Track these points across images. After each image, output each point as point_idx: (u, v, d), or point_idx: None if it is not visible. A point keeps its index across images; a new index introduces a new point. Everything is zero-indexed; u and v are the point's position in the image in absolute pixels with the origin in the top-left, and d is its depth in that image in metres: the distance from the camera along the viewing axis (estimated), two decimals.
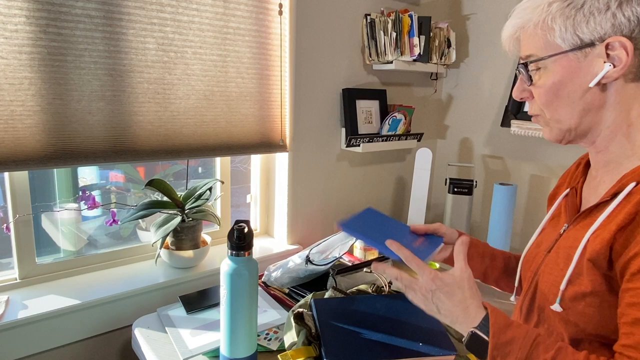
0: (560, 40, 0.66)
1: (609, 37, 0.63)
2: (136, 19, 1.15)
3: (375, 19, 1.61)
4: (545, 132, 0.75)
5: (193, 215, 1.35)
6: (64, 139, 1.10)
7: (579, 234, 0.70)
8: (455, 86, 2.00)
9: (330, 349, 0.88)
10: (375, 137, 1.67)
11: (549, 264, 0.75)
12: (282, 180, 1.58)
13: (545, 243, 0.81)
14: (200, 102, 1.30)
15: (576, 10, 0.64)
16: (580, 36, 0.64)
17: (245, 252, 0.84)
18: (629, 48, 0.62)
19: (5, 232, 1.17)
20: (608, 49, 0.63)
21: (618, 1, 0.62)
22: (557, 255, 0.74)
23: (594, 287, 0.65)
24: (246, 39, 1.36)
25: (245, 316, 0.85)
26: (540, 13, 0.67)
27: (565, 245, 0.73)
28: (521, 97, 0.75)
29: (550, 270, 0.74)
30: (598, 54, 0.64)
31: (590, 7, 0.63)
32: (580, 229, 0.71)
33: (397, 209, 2.01)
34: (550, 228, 0.83)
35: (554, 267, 0.73)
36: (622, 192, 0.65)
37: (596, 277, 0.65)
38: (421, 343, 0.90)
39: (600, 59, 0.64)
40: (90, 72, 1.11)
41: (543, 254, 0.79)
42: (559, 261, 0.73)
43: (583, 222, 0.72)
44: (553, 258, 0.75)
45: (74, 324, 1.16)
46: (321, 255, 1.31)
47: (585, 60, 0.66)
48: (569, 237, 0.73)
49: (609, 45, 0.63)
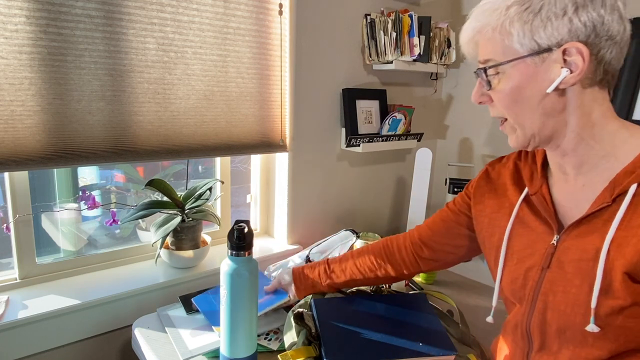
0: (518, 45, 0.65)
1: (565, 43, 0.62)
2: (136, 19, 1.15)
3: (375, 19, 1.62)
4: (512, 139, 0.74)
5: (193, 215, 1.35)
6: (64, 139, 1.10)
7: (586, 245, 0.66)
8: (455, 86, 2.00)
9: (330, 349, 0.88)
10: (375, 137, 1.67)
11: (556, 281, 0.70)
12: (282, 180, 1.58)
13: (530, 256, 0.75)
14: (201, 102, 1.30)
15: (534, 14, 0.63)
16: (537, 41, 0.64)
17: (245, 252, 0.84)
18: (584, 54, 0.62)
19: (5, 232, 1.17)
20: (565, 54, 0.63)
21: (574, 6, 0.61)
22: (563, 271, 0.69)
23: (634, 299, 0.61)
24: (246, 39, 1.36)
25: (245, 316, 0.85)
26: (499, 17, 0.65)
27: (569, 259, 0.68)
28: (480, 101, 0.74)
29: (565, 289, 0.68)
30: (555, 60, 0.64)
31: (548, 12, 0.62)
32: (581, 239, 0.67)
33: (397, 209, 2.01)
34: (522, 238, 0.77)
35: (568, 285, 0.68)
36: (627, 195, 0.63)
37: (635, 289, 0.61)
38: (421, 343, 0.90)
39: (557, 64, 0.64)
40: (90, 72, 1.11)
41: (537, 268, 0.73)
42: (570, 277, 0.68)
43: (578, 230, 0.68)
44: (559, 275, 0.69)
45: (74, 324, 1.16)
46: (321, 255, 1.31)
47: (542, 65, 0.65)
48: (569, 249, 0.69)
49: (565, 50, 0.62)
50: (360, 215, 1.85)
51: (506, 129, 0.74)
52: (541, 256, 0.73)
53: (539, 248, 0.74)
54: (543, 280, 0.72)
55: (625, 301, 0.61)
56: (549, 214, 0.74)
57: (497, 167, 0.90)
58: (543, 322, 0.72)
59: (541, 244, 0.74)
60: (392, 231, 2.00)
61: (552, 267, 0.71)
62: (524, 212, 0.78)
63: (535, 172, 0.80)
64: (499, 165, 0.89)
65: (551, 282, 0.70)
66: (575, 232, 0.69)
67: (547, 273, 0.71)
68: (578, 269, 0.67)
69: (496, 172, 0.89)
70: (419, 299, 1.06)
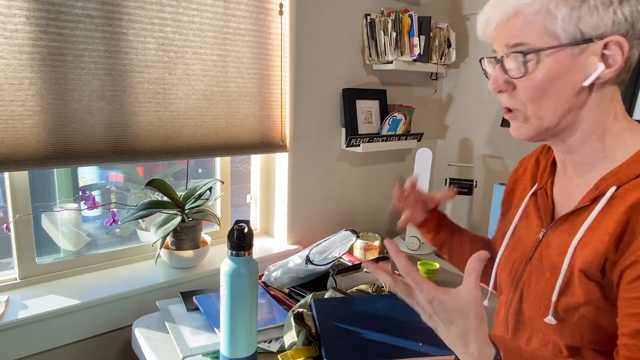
0: (560, 31, 0.60)
1: (608, 35, 0.59)
2: (136, 19, 1.15)
3: (375, 19, 1.61)
4: (520, 129, 0.69)
5: (193, 215, 1.35)
6: (64, 139, 1.10)
7: (562, 241, 0.68)
8: (455, 86, 2.00)
9: (330, 349, 0.88)
10: (375, 137, 1.67)
11: (532, 272, 0.73)
12: (282, 180, 1.58)
13: (521, 248, 0.77)
14: (201, 102, 1.30)
15: (582, 1, 0.59)
16: (582, 30, 0.60)
17: (245, 252, 0.84)
18: (625, 49, 0.59)
19: (5, 232, 1.17)
20: (605, 48, 0.60)
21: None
22: (541, 264, 0.71)
23: (588, 297, 0.63)
24: (246, 39, 1.36)
25: (245, 316, 0.85)
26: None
27: (548, 252, 0.70)
28: (501, 89, 0.68)
29: (537, 280, 0.71)
30: (594, 52, 0.61)
31: (596, 0, 0.59)
32: (561, 235, 0.69)
33: (397, 209, 2.01)
34: (522, 230, 0.79)
35: (540, 277, 0.70)
36: (603, 197, 0.63)
37: (590, 287, 0.63)
38: (421, 343, 0.90)
39: (595, 57, 0.61)
40: (90, 72, 1.11)
41: (522, 260, 0.76)
42: (544, 270, 0.70)
43: (562, 227, 0.69)
44: (536, 266, 0.72)
45: (74, 324, 1.16)
46: (321, 255, 1.30)
47: (580, 57, 0.61)
48: (550, 243, 0.71)
49: (607, 44, 0.60)
50: (360, 215, 1.85)
51: (517, 118, 0.69)
52: (528, 249, 0.75)
53: (529, 241, 0.76)
54: (524, 271, 0.75)
55: (580, 298, 0.63)
56: (545, 209, 0.75)
57: (524, 162, 0.90)
58: (518, 312, 0.75)
59: (531, 238, 0.76)
60: (392, 231, 2.00)
61: (533, 259, 0.73)
62: (530, 206, 0.80)
63: (547, 167, 0.79)
64: (525, 160, 0.90)
65: (529, 274, 0.74)
66: (560, 229, 0.70)
67: (528, 264, 0.74)
68: (550, 264, 0.69)
69: (523, 167, 0.89)
70: None
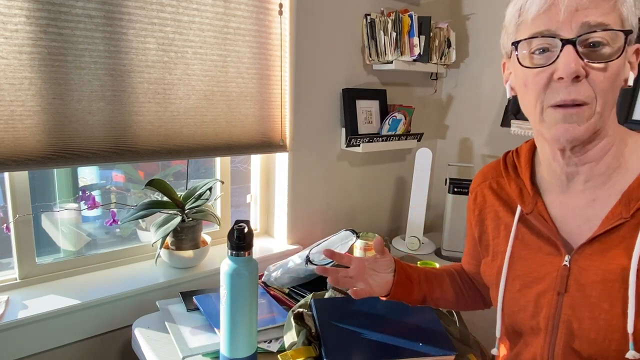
0: (632, 18, 0.56)
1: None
2: (136, 19, 1.15)
3: (375, 19, 1.61)
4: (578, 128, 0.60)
5: (193, 215, 1.35)
6: (64, 139, 1.10)
7: (608, 264, 0.61)
8: (455, 86, 2.00)
9: (330, 349, 0.88)
10: (375, 137, 1.67)
11: (578, 307, 0.64)
12: (282, 180, 1.58)
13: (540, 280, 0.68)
14: (201, 102, 1.30)
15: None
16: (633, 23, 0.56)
17: (245, 252, 0.84)
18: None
19: (5, 232, 1.17)
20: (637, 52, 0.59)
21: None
22: (588, 295, 0.63)
23: None
24: (246, 39, 1.36)
25: (245, 316, 0.85)
26: None
27: (593, 280, 0.63)
28: (579, 74, 0.58)
29: (592, 315, 0.62)
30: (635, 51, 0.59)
31: None
32: (599, 257, 0.62)
33: (397, 209, 2.01)
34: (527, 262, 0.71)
35: (596, 310, 0.62)
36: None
37: None
38: (421, 343, 0.90)
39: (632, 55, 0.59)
40: (90, 72, 1.11)
41: (552, 294, 0.67)
42: (596, 301, 0.62)
43: (592, 249, 0.63)
44: (582, 299, 0.63)
45: (74, 324, 1.16)
46: (321, 255, 1.30)
47: (628, 50, 0.58)
48: (586, 269, 0.64)
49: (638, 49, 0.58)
50: (360, 215, 1.85)
51: (583, 114, 0.60)
52: (553, 280, 0.67)
53: (550, 271, 0.67)
54: (562, 306, 0.65)
55: None
56: (552, 233, 0.68)
57: (477, 190, 0.83)
58: (570, 353, 0.65)
59: (550, 267, 0.68)
60: (392, 231, 2.00)
61: (570, 291, 0.65)
62: (523, 233, 0.72)
63: (524, 188, 0.73)
64: (480, 188, 0.82)
65: (573, 308, 0.64)
66: (589, 251, 0.64)
67: (564, 298, 0.65)
68: (604, 291, 0.61)
69: (480, 196, 0.82)
70: None
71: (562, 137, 0.61)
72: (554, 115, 0.61)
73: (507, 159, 0.79)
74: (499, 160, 0.80)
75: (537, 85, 0.61)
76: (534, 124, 0.65)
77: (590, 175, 0.66)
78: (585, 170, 0.66)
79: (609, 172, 0.64)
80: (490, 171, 0.82)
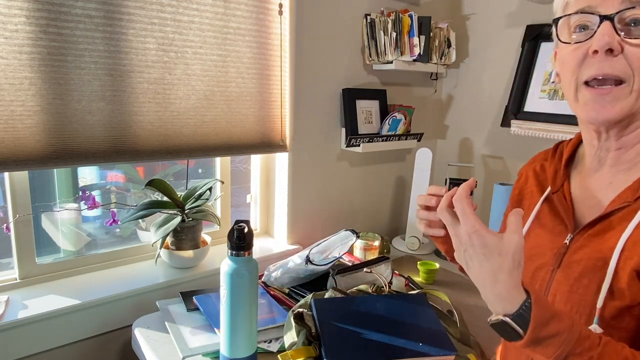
0: None
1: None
2: (136, 19, 1.15)
3: (375, 19, 1.61)
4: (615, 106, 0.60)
5: (193, 215, 1.35)
6: (64, 139, 1.10)
7: (600, 244, 0.63)
8: (455, 86, 2.00)
9: (330, 349, 0.88)
10: (375, 137, 1.67)
11: (564, 281, 0.67)
12: (282, 180, 1.58)
13: (540, 257, 0.71)
14: (201, 102, 1.30)
15: None
16: None
17: (245, 252, 0.84)
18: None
19: (5, 232, 1.17)
20: None
21: None
22: (573, 271, 0.66)
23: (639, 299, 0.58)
24: (246, 39, 1.36)
25: (245, 316, 0.85)
26: None
27: (583, 257, 0.65)
28: (613, 48, 0.58)
29: (573, 289, 0.65)
30: None
31: None
32: (596, 238, 0.64)
33: (397, 209, 2.01)
34: (538, 238, 0.74)
35: (577, 285, 0.65)
36: None
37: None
38: (421, 343, 0.90)
39: None
40: (90, 72, 1.11)
41: (547, 269, 0.70)
42: (578, 276, 0.65)
43: (593, 230, 0.65)
44: (569, 274, 0.66)
45: (74, 324, 1.16)
46: (321, 255, 1.30)
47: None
48: (582, 248, 0.66)
49: None
50: (360, 215, 1.85)
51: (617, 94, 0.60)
52: (553, 256, 0.69)
53: (551, 247, 0.70)
54: (552, 281, 0.68)
55: (629, 301, 0.59)
56: (567, 214, 0.70)
57: (523, 171, 0.86)
58: None
59: (552, 244, 0.70)
60: (392, 231, 2.00)
61: (562, 267, 0.68)
62: (544, 213, 0.75)
63: (559, 170, 0.76)
64: (525, 169, 0.86)
65: (559, 282, 0.67)
66: (590, 232, 0.65)
67: (556, 274, 0.68)
68: (587, 268, 0.64)
69: (523, 177, 0.85)
70: (419, 299, 1.06)
71: (595, 119, 0.61)
72: (587, 95, 0.62)
73: (559, 145, 0.81)
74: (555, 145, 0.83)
75: (573, 62, 0.62)
76: (571, 105, 0.66)
77: (617, 160, 0.66)
78: (615, 156, 0.66)
79: (636, 160, 0.65)
80: (541, 155, 0.84)
